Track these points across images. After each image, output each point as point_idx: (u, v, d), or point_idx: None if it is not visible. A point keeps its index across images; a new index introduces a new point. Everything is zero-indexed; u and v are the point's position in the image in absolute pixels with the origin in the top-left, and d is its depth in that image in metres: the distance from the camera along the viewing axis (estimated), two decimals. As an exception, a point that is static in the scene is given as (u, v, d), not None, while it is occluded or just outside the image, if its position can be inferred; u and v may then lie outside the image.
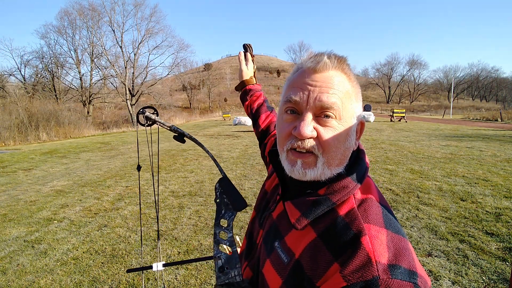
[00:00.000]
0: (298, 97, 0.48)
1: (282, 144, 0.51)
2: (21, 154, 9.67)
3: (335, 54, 0.51)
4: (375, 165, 6.10)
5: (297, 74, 0.52)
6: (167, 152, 8.92)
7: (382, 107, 53.64)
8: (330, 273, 0.42)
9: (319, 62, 0.48)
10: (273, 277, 0.51)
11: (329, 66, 0.48)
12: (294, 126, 0.48)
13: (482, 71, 68.35)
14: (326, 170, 0.49)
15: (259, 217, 0.65)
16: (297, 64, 0.54)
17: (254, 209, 0.70)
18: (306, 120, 0.47)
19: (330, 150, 0.48)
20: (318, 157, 0.48)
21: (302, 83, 0.49)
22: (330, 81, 0.48)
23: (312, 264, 0.45)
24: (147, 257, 2.68)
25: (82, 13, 29.74)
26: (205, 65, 71.95)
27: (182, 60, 37.12)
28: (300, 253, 0.48)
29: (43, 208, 4.11)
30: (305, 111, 0.48)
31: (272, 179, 0.70)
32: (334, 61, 0.49)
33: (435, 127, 14.90)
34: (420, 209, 3.59)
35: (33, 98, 23.87)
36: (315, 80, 0.48)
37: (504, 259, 2.42)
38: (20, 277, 2.42)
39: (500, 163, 5.93)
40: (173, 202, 4.16)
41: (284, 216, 0.55)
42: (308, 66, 0.50)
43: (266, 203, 0.66)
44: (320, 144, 0.48)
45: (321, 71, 0.48)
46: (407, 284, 0.38)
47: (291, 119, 0.50)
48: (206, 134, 14.81)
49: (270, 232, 0.57)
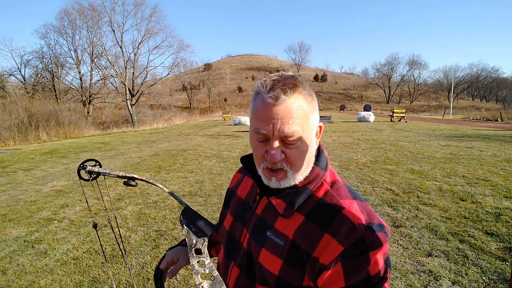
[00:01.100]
0: (265, 130, 0.56)
1: (258, 163, 0.61)
2: (21, 154, 9.67)
3: (288, 82, 0.56)
4: (375, 165, 6.10)
5: (260, 104, 0.57)
6: (167, 152, 8.92)
7: (382, 107, 53.63)
8: (324, 242, 0.55)
9: (278, 99, 0.55)
10: (272, 261, 0.60)
11: (285, 99, 0.55)
12: (265, 150, 0.58)
13: (482, 71, 68.33)
14: (296, 177, 0.59)
15: (240, 219, 0.71)
16: (256, 89, 0.60)
17: (231, 215, 0.75)
18: (274, 146, 0.56)
19: (296, 164, 0.58)
20: (288, 172, 0.58)
21: (267, 117, 0.56)
22: (289, 111, 0.55)
23: (306, 240, 0.57)
24: (146, 257, 2.68)
25: (82, 13, 29.72)
26: (205, 65, 71.98)
27: (182, 60, 37.02)
28: (293, 234, 0.59)
29: (43, 208, 4.11)
30: (272, 139, 0.56)
31: (243, 185, 0.77)
32: (289, 92, 0.55)
33: (435, 127, 14.90)
34: (420, 209, 3.59)
35: (33, 98, 23.86)
36: (276, 113, 0.55)
37: (504, 259, 2.42)
38: (20, 277, 2.42)
39: (500, 163, 5.93)
40: (173, 202, 4.16)
41: (269, 209, 0.64)
42: (268, 101, 0.55)
43: (243, 206, 0.72)
44: (288, 162, 0.58)
45: (281, 104, 0.55)
46: (381, 234, 0.54)
47: (262, 144, 0.59)
48: (206, 134, 14.81)
49: (257, 227, 0.65)
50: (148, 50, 33.84)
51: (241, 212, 0.71)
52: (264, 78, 0.60)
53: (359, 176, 5.29)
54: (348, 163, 6.44)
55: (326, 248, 0.54)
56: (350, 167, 6.04)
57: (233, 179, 0.85)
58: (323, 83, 76.14)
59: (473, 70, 68.88)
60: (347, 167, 6.06)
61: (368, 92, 70.83)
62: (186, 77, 54.52)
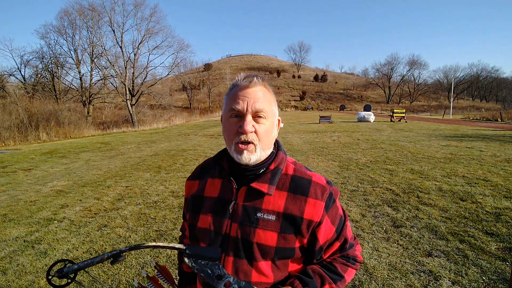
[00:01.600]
0: (240, 106, 0.69)
1: (231, 139, 0.71)
2: (21, 154, 9.67)
3: (258, 75, 0.74)
4: (375, 165, 6.10)
5: (235, 89, 0.73)
6: (167, 152, 8.92)
7: (382, 107, 53.61)
8: (309, 205, 0.72)
9: (252, 81, 0.71)
10: (268, 236, 0.70)
11: (257, 83, 0.72)
12: (239, 125, 0.70)
13: (482, 71, 68.22)
14: (262, 152, 0.72)
15: (220, 214, 0.76)
16: (232, 83, 0.76)
17: (207, 214, 0.78)
18: (247, 120, 0.69)
19: (263, 139, 0.71)
20: (257, 145, 0.70)
21: (241, 96, 0.70)
22: (258, 94, 0.71)
23: (296, 207, 0.71)
24: (146, 257, 2.68)
25: (82, 13, 29.67)
26: (205, 65, 71.88)
27: (182, 60, 36.88)
28: (283, 208, 0.72)
29: (43, 208, 4.11)
30: (246, 114, 0.69)
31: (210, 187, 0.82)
32: (260, 80, 0.73)
33: (435, 127, 14.90)
34: (420, 209, 3.59)
35: (33, 98, 23.83)
36: (250, 93, 0.70)
37: (504, 259, 2.42)
38: (20, 277, 2.42)
39: (500, 163, 5.93)
40: (173, 202, 4.16)
41: (251, 195, 0.74)
42: (243, 84, 0.71)
43: (220, 202, 0.77)
44: (257, 136, 0.70)
45: (253, 86, 0.71)
46: (335, 186, 0.78)
47: (236, 121, 0.71)
48: (206, 134, 14.81)
49: (245, 214, 0.73)
50: (148, 50, 33.75)
51: (219, 208, 0.76)
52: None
53: (359, 176, 5.29)
54: (348, 163, 6.44)
55: (313, 208, 0.71)
56: (350, 167, 6.04)
57: (189, 188, 0.88)
58: (323, 83, 76.07)
59: (473, 70, 68.82)
60: (347, 167, 6.05)
61: (368, 92, 70.79)
62: (186, 77, 54.48)
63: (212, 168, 0.84)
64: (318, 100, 62.25)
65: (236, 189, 0.75)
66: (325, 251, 0.77)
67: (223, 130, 0.75)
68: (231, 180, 0.76)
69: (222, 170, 0.79)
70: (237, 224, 0.72)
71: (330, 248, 0.78)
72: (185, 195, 0.90)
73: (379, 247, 2.73)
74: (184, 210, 0.90)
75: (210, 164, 0.86)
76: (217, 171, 0.81)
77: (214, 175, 0.82)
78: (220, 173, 0.80)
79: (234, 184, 0.76)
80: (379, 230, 3.08)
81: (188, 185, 0.88)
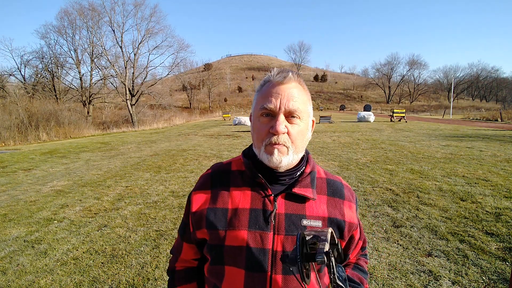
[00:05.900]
0: (272, 104, 0.63)
1: (261, 140, 0.65)
2: (21, 154, 9.67)
3: (293, 71, 0.67)
4: (375, 165, 6.10)
5: (267, 85, 0.66)
6: (167, 152, 8.92)
7: (382, 107, 53.61)
8: (347, 208, 0.71)
9: (286, 77, 0.64)
10: None
11: (292, 79, 0.65)
12: (271, 126, 0.63)
13: (482, 71, 68.20)
14: (295, 156, 0.66)
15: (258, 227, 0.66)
16: (264, 79, 0.69)
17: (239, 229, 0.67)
18: (280, 120, 0.62)
19: (296, 142, 0.65)
20: (289, 148, 0.64)
21: (274, 93, 0.64)
22: (293, 91, 0.64)
23: (337, 211, 0.70)
24: (146, 257, 2.68)
25: (82, 13, 29.68)
26: (205, 65, 71.90)
27: (182, 60, 36.93)
28: (327, 212, 0.69)
29: (43, 208, 4.11)
30: (278, 113, 0.63)
31: (237, 197, 0.70)
32: (295, 76, 0.66)
33: (435, 127, 14.90)
34: (420, 209, 3.59)
35: (33, 98, 23.83)
36: (283, 90, 0.64)
37: (504, 259, 2.42)
38: (20, 277, 2.42)
39: (500, 163, 5.93)
40: (173, 202, 4.16)
41: (292, 202, 0.68)
42: (277, 80, 0.65)
43: (254, 214, 0.67)
44: (290, 138, 0.64)
45: (287, 83, 0.65)
46: (347, 185, 0.78)
47: (267, 120, 0.64)
48: (206, 134, 14.81)
49: (290, 223, 0.66)
50: (148, 50, 33.81)
51: (257, 221, 0.66)
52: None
53: (359, 176, 5.28)
54: (348, 163, 6.44)
55: (350, 211, 0.71)
56: (350, 167, 6.04)
57: (197, 201, 0.72)
58: (323, 83, 76.08)
59: (473, 70, 68.82)
60: (347, 167, 6.05)
61: (368, 92, 70.77)
62: (186, 77, 54.43)
63: (232, 176, 0.72)
64: (318, 100, 62.21)
65: (273, 198, 0.67)
66: (352, 252, 0.78)
67: (252, 131, 0.69)
68: (267, 188, 0.68)
69: (248, 176, 0.69)
70: (282, 236, 0.65)
71: (356, 248, 0.78)
72: (191, 209, 0.72)
73: (379, 247, 2.73)
74: (189, 228, 0.74)
75: (225, 172, 0.74)
76: (239, 178, 0.71)
77: (237, 183, 0.71)
78: (245, 180, 0.70)
79: (270, 191, 0.68)
80: (379, 230, 3.08)
81: (197, 198, 0.72)
